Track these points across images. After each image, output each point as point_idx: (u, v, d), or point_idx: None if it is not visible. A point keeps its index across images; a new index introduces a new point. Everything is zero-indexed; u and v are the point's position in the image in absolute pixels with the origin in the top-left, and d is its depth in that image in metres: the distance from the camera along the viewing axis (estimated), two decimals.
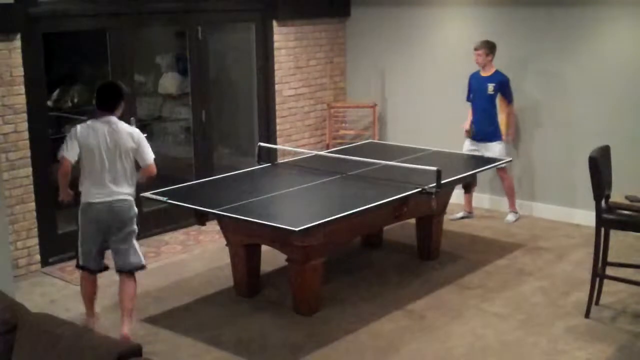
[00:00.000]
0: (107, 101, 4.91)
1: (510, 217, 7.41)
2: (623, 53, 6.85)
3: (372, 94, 8.52)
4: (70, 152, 4.82)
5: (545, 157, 7.41)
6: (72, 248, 6.44)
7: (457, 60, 7.82)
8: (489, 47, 7.06)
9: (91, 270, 5.03)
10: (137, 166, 4.99)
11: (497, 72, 7.12)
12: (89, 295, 5.13)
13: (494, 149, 7.08)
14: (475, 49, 7.08)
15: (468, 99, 7.31)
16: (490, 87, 7.10)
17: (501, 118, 7.21)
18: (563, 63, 7.18)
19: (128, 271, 4.96)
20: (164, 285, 5.96)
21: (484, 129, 7.15)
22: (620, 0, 6.78)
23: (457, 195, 6.90)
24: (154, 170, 4.97)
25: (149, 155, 4.94)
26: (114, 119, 4.88)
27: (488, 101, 7.14)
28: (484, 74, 7.15)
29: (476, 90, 7.21)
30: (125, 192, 4.88)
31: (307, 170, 6.36)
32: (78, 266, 5.08)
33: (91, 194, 4.85)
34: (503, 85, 7.12)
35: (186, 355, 4.82)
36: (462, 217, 7.46)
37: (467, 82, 7.28)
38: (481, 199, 7.69)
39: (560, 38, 7.16)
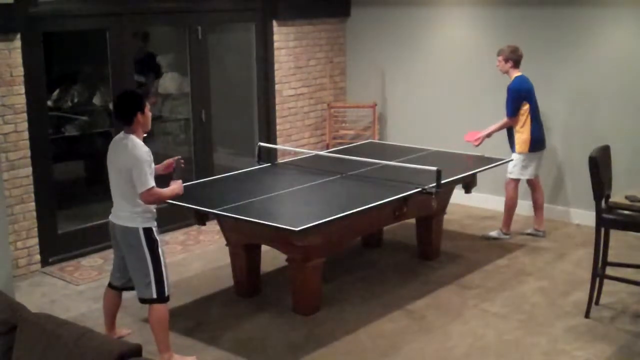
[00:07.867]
0: (116, 113, 4.63)
1: (495, 233, 6.94)
2: (623, 53, 6.85)
3: (372, 94, 8.51)
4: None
5: (545, 157, 7.39)
6: (72, 248, 6.51)
7: (457, 60, 7.82)
8: (506, 53, 6.61)
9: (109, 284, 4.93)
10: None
11: (515, 79, 6.63)
12: (105, 309, 4.93)
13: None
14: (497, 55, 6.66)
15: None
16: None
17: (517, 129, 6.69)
18: (563, 63, 7.18)
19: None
20: None
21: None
22: (619, 1, 6.79)
23: (459, 196, 6.88)
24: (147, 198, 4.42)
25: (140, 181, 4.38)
26: (127, 135, 4.46)
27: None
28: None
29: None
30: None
31: (307, 170, 6.35)
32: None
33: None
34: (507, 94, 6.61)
35: (186, 355, 4.81)
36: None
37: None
38: (482, 200, 7.68)
39: (560, 38, 7.16)
